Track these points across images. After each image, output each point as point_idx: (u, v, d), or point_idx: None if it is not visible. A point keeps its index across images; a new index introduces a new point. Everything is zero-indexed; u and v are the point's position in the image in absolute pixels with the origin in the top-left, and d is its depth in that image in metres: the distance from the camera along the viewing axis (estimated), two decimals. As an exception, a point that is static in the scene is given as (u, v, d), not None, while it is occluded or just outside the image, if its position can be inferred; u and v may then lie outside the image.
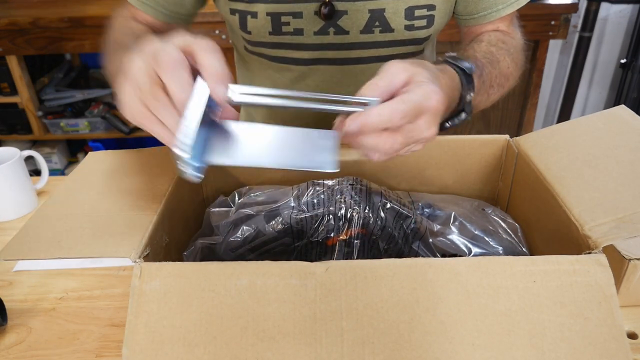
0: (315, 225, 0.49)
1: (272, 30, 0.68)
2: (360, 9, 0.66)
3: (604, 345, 0.35)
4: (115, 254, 0.39)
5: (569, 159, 0.50)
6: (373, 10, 0.66)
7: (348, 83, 0.74)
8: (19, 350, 0.53)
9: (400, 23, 0.67)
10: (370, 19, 0.67)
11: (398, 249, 0.50)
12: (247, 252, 0.50)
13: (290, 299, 0.36)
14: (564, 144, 0.51)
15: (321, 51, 0.70)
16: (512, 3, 0.68)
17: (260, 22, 0.67)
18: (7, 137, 2.06)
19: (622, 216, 0.41)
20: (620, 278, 0.52)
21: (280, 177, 0.61)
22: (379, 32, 0.68)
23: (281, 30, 0.68)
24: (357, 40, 0.69)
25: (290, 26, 0.67)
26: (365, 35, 0.68)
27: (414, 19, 0.67)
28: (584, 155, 0.48)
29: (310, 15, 0.66)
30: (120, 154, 0.55)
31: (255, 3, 0.66)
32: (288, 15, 0.66)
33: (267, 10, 0.66)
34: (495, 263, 0.37)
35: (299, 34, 0.68)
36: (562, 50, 2.20)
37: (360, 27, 0.67)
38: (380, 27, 0.67)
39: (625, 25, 2.10)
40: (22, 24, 1.78)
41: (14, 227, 0.75)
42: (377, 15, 0.66)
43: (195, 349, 0.35)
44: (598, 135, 0.51)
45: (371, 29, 0.68)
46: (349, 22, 0.67)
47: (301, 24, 0.67)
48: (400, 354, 0.35)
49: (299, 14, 0.66)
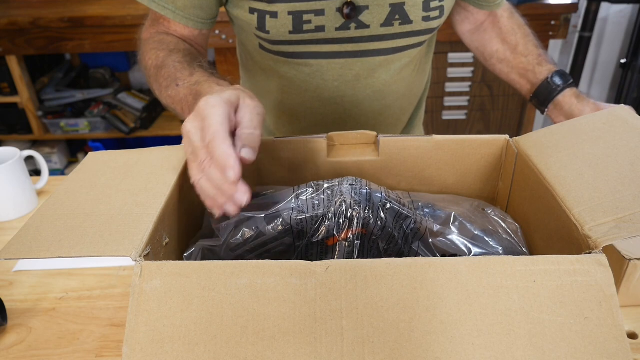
0: (316, 226, 0.49)
1: (292, 29, 0.68)
2: (381, 3, 0.68)
3: (604, 345, 0.35)
4: (116, 253, 0.39)
5: (569, 159, 0.50)
6: (394, 5, 0.68)
7: (365, 75, 0.76)
8: (19, 350, 0.53)
9: (419, 15, 0.69)
10: (391, 12, 0.69)
11: (398, 249, 0.51)
12: (247, 252, 0.50)
13: (291, 298, 0.36)
14: (564, 144, 0.51)
15: (341, 44, 0.72)
16: None
17: (280, 21, 0.67)
18: (7, 137, 2.06)
19: (622, 216, 0.41)
20: (620, 278, 0.52)
21: (280, 177, 0.61)
22: (399, 25, 0.70)
23: (302, 28, 0.68)
24: (376, 33, 0.71)
25: (312, 24, 0.68)
26: (385, 28, 0.70)
27: (430, 10, 0.70)
28: (584, 155, 0.48)
29: (332, 12, 0.68)
30: (120, 154, 0.55)
31: (276, 3, 0.66)
32: (310, 14, 0.67)
33: (289, 9, 0.66)
34: (495, 263, 0.38)
35: (321, 30, 0.69)
36: (562, 50, 2.20)
37: (381, 21, 0.69)
38: (400, 20, 0.69)
39: (625, 25, 2.10)
40: (22, 24, 1.78)
41: (14, 227, 0.75)
42: (397, 9, 0.68)
43: (196, 347, 0.35)
44: (598, 135, 0.51)
45: (391, 22, 0.70)
46: (370, 17, 0.69)
47: (323, 21, 0.68)
48: (400, 354, 0.35)
49: (321, 11, 0.67)
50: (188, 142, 0.45)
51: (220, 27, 1.79)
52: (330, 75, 0.76)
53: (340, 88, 0.77)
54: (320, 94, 0.78)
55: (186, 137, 0.45)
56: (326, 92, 0.78)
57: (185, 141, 0.46)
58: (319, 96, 0.78)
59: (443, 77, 1.97)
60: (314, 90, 0.78)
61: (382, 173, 0.60)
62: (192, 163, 0.45)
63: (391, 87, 0.79)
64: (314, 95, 0.79)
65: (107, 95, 2.08)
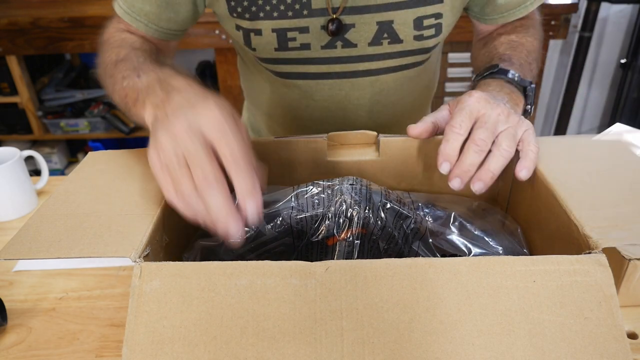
0: (316, 225, 0.49)
1: (277, 46, 0.67)
2: (368, 21, 0.65)
3: (604, 345, 0.35)
4: (116, 253, 0.39)
5: (569, 159, 0.50)
6: (381, 23, 0.65)
7: (357, 96, 0.73)
8: (19, 350, 0.53)
9: (409, 34, 0.66)
10: (379, 31, 0.66)
11: (398, 249, 0.50)
12: (247, 252, 0.50)
13: (290, 299, 0.36)
14: (564, 144, 0.51)
15: (328, 65, 0.69)
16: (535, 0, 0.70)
17: (265, 38, 0.66)
18: (7, 137, 2.06)
19: (623, 217, 0.41)
20: (620, 278, 0.52)
21: (280, 177, 0.61)
22: (388, 44, 0.67)
23: (287, 46, 0.66)
24: (365, 52, 0.68)
25: (296, 41, 0.66)
26: (374, 47, 0.67)
27: (423, 29, 0.66)
28: (584, 156, 0.49)
29: (317, 30, 0.65)
30: (120, 154, 0.55)
31: (259, 20, 0.65)
32: (294, 31, 0.65)
33: (272, 26, 0.65)
34: (495, 263, 0.37)
35: (306, 48, 0.67)
36: (562, 50, 2.20)
37: (369, 40, 0.66)
38: (388, 38, 0.66)
39: (625, 25, 2.10)
40: (22, 24, 1.78)
41: (14, 227, 0.75)
42: (385, 27, 0.65)
43: (195, 348, 0.35)
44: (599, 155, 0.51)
45: (379, 41, 0.66)
46: (357, 35, 0.66)
47: (308, 38, 0.66)
48: (400, 354, 0.35)
49: (305, 29, 0.65)
50: (172, 147, 0.39)
51: (220, 27, 1.79)
52: (319, 96, 0.73)
53: (331, 108, 0.75)
54: (311, 114, 0.76)
55: (173, 139, 0.40)
56: (317, 111, 0.76)
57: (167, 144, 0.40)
58: (310, 115, 0.77)
59: (443, 77, 1.97)
60: (304, 110, 0.76)
61: (382, 173, 0.60)
62: (166, 177, 0.40)
63: (386, 108, 0.76)
64: (304, 115, 0.77)
65: (107, 95, 2.08)
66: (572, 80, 2.07)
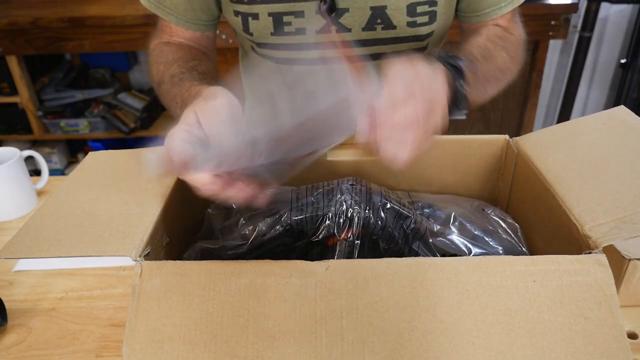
0: (316, 226, 0.49)
1: (273, 30, 0.68)
2: (361, 6, 0.66)
3: (604, 345, 0.35)
4: (116, 252, 0.39)
5: (569, 159, 0.50)
6: (375, 8, 0.66)
7: None
8: (19, 350, 0.53)
9: (403, 20, 0.67)
10: (372, 16, 0.66)
11: (398, 249, 0.50)
12: (247, 252, 0.50)
13: (291, 298, 0.36)
14: (564, 144, 0.51)
15: (323, 50, 0.70)
16: (513, 1, 0.68)
17: (262, 22, 0.67)
18: (7, 137, 2.06)
19: (623, 216, 0.41)
20: (620, 278, 0.52)
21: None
22: (381, 29, 0.68)
23: (283, 30, 0.68)
24: (359, 37, 0.69)
25: (292, 26, 0.67)
26: (367, 33, 0.68)
27: (416, 16, 0.67)
28: (584, 155, 0.48)
29: (312, 14, 0.66)
30: (120, 154, 0.55)
31: (256, 4, 0.66)
32: (290, 15, 0.66)
33: (269, 10, 0.66)
34: (495, 263, 0.38)
35: (301, 33, 0.68)
36: (562, 50, 2.20)
37: (362, 25, 0.67)
38: (382, 24, 0.67)
39: (625, 25, 2.10)
40: (22, 24, 1.78)
41: (14, 227, 0.75)
42: (378, 12, 0.66)
43: (196, 347, 0.35)
44: (598, 136, 0.51)
45: (373, 26, 0.67)
46: (351, 20, 0.67)
47: (303, 22, 0.67)
48: (400, 353, 0.35)
49: (300, 12, 0.66)
50: None
51: (220, 27, 1.78)
52: None
53: None
54: None
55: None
56: None
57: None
58: None
59: (443, 77, 1.96)
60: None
61: (382, 173, 0.60)
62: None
63: None
64: None
65: (107, 95, 2.08)
66: (572, 80, 2.07)
